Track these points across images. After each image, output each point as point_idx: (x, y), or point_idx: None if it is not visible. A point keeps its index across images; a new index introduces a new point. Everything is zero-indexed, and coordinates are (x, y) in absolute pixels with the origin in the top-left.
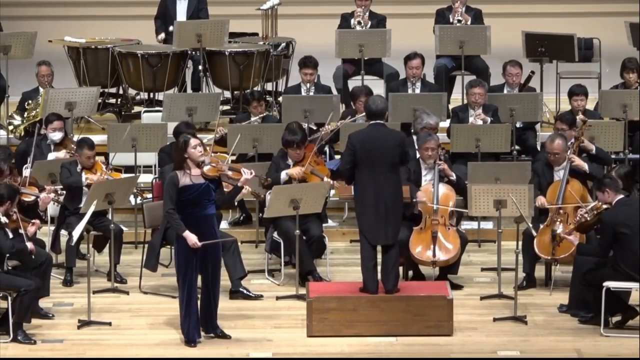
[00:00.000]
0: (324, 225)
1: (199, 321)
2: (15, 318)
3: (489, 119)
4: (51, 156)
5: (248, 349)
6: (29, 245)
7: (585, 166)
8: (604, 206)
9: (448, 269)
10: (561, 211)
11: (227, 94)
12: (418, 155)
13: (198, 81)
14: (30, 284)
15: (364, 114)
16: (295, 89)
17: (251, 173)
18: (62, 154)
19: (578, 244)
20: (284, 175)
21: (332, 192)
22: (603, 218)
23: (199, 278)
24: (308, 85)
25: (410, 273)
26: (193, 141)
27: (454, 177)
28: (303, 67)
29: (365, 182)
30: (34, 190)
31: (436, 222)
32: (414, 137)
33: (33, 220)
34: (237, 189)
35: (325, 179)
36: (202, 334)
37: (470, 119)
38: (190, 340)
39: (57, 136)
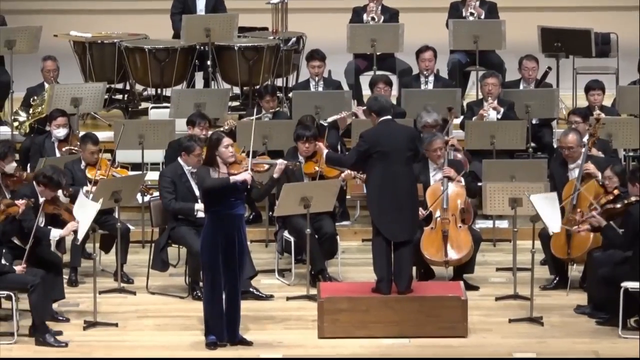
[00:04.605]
0: (338, 224)
1: (224, 322)
2: (36, 320)
3: (501, 109)
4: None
5: (258, 351)
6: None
7: (598, 175)
8: (633, 198)
9: (463, 269)
10: (577, 210)
11: (237, 90)
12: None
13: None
14: (34, 279)
15: None
16: (303, 84)
17: (283, 161)
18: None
19: (606, 225)
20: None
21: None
22: (631, 211)
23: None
24: (317, 79)
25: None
26: (225, 140)
27: (462, 181)
28: (310, 59)
29: (381, 178)
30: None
31: (446, 221)
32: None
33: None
34: (273, 181)
35: (347, 171)
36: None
37: (485, 107)
38: (213, 342)
39: (61, 133)
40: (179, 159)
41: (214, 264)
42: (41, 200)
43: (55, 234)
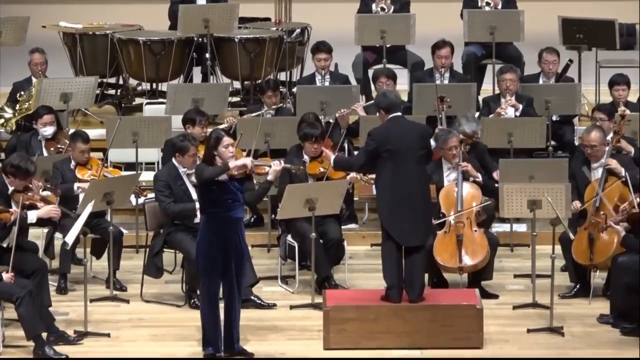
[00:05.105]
0: (344, 227)
1: (221, 332)
2: (29, 332)
3: (520, 105)
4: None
5: None
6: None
7: (622, 171)
8: None
9: (480, 275)
10: (601, 213)
11: (237, 84)
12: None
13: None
14: (20, 290)
15: None
16: (309, 78)
17: (280, 163)
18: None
19: (625, 235)
20: None
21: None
22: None
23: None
24: (323, 72)
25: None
26: (226, 139)
27: (479, 178)
28: (316, 52)
29: (392, 178)
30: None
31: (461, 224)
32: None
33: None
34: (268, 184)
35: (353, 174)
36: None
37: (502, 105)
38: (210, 354)
39: (48, 131)
40: (173, 160)
41: (211, 270)
42: (10, 190)
43: (32, 216)
